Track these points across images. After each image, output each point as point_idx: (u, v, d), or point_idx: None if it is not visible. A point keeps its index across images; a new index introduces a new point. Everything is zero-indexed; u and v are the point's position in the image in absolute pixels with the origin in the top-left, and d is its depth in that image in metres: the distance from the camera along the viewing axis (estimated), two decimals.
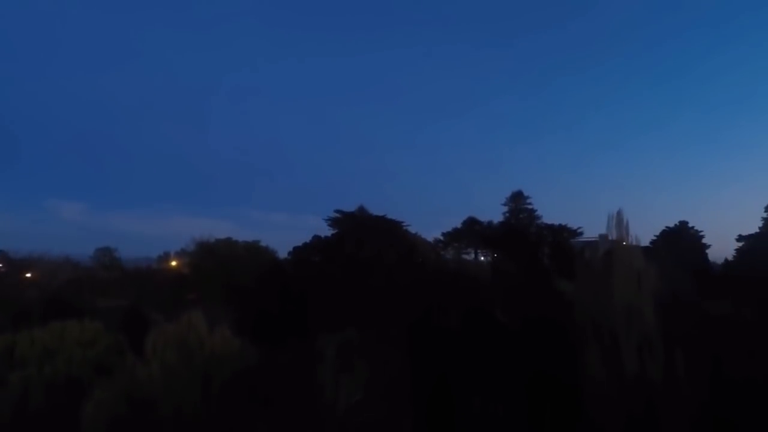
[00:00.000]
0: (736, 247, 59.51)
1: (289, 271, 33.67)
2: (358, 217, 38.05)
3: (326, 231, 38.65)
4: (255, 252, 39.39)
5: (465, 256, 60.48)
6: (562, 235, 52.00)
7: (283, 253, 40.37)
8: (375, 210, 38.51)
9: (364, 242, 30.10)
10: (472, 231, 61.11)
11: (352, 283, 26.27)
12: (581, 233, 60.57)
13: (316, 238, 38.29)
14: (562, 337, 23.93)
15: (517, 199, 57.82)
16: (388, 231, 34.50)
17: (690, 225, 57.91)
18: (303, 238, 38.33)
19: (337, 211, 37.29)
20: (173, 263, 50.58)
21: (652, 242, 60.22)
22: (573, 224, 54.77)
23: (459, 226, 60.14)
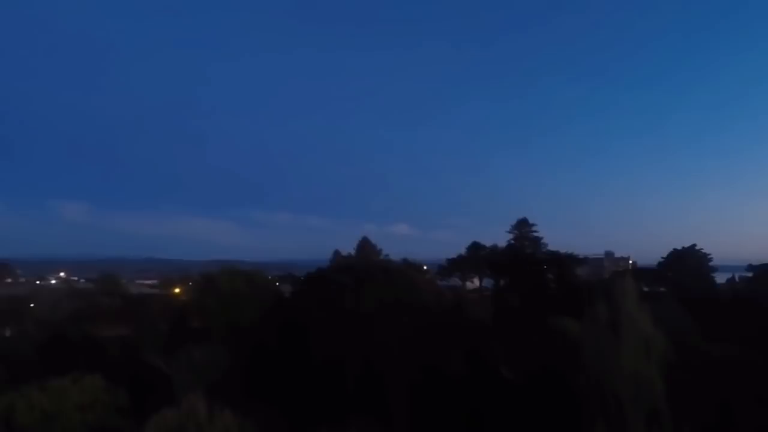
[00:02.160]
0: (744, 275, 59.26)
1: (288, 312, 33.39)
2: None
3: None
4: (257, 285, 39.05)
5: (469, 283, 60.35)
6: (567, 265, 51.45)
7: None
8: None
9: (361, 286, 29.74)
10: (476, 257, 60.97)
11: (348, 338, 25.98)
12: (585, 261, 60.43)
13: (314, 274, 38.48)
14: (567, 397, 23.52)
15: (523, 226, 57.53)
16: (386, 271, 34.21)
17: (698, 247, 58.13)
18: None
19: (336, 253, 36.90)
20: (177, 290, 50.48)
21: (660, 264, 60.22)
22: (571, 239, 54.48)
23: (463, 252, 60.25)
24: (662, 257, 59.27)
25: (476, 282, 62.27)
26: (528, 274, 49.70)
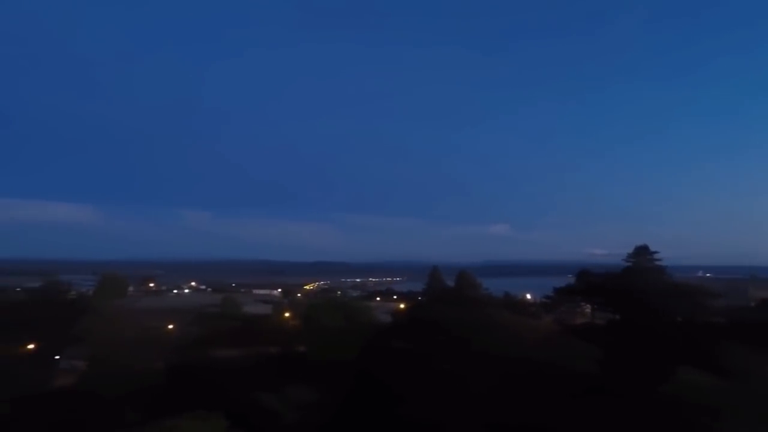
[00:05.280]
0: None
1: (383, 354, 33.41)
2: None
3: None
4: (356, 320, 40.18)
5: (579, 317, 55.35)
6: (699, 302, 44.52)
7: None
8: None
9: (456, 338, 28.64)
10: (586, 285, 55.79)
11: (442, 399, 25.11)
12: (720, 296, 51.66)
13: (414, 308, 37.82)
14: None
15: (643, 253, 51.28)
16: (487, 326, 32.56)
17: None
18: None
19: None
20: (287, 314, 54.01)
21: None
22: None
23: (572, 282, 55.36)
24: None
25: (586, 310, 57.11)
26: (652, 309, 44.01)
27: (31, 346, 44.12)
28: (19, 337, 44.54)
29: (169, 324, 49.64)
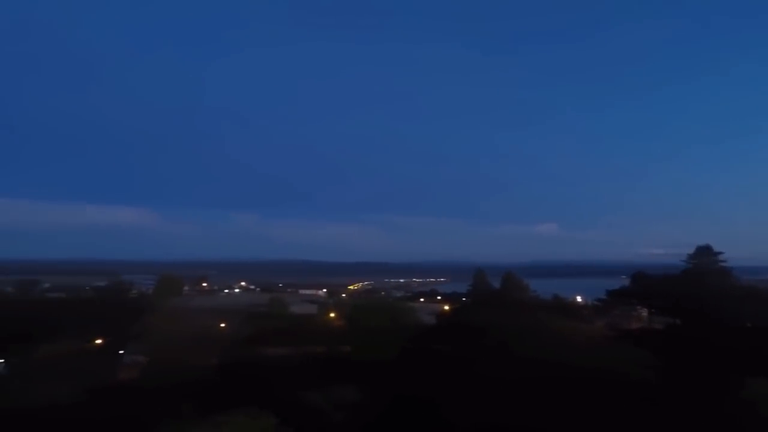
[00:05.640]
0: None
1: (424, 356, 33.18)
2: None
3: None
4: (399, 320, 40.20)
5: (634, 322, 52.18)
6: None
7: None
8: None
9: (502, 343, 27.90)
10: (642, 288, 52.58)
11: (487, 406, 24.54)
12: None
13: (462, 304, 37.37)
14: None
15: (706, 254, 47.66)
16: (535, 330, 31.55)
17: None
18: None
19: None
20: (332, 314, 54.84)
21: None
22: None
23: (626, 284, 52.39)
24: None
25: (642, 314, 53.88)
26: (717, 314, 40.96)
27: (99, 341, 47.54)
28: (89, 333, 48.15)
29: (221, 323, 51.74)
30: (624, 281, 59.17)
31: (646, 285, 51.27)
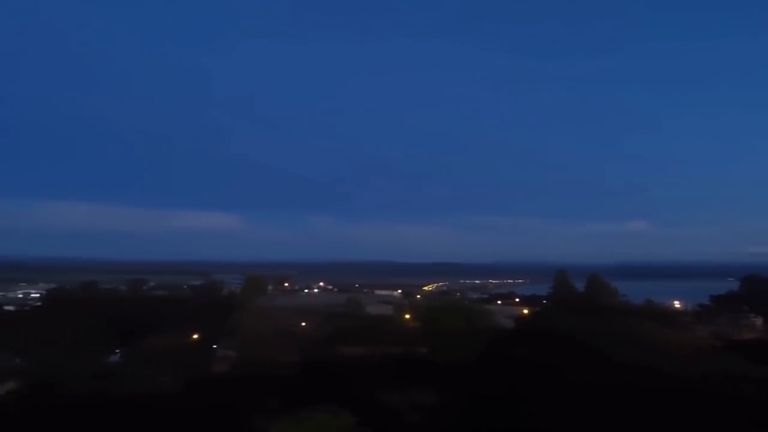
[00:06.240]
0: None
1: (503, 362, 31.98)
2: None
3: None
4: (476, 323, 39.27)
5: (746, 331, 45.98)
6: None
7: None
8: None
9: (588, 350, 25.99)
10: (756, 292, 46.25)
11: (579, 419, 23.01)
12: None
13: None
14: None
15: None
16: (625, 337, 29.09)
17: None
18: None
19: None
20: (407, 316, 55.18)
21: None
22: None
23: (735, 287, 46.28)
24: None
25: (755, 322, 47.42)
26: None
27: (195, 336, 52.07)
28: (188, 328, 52.94)
29: (302, 321, 54.18)
30: (732, 284, 52.74)
31: (761, 289, 45.25)
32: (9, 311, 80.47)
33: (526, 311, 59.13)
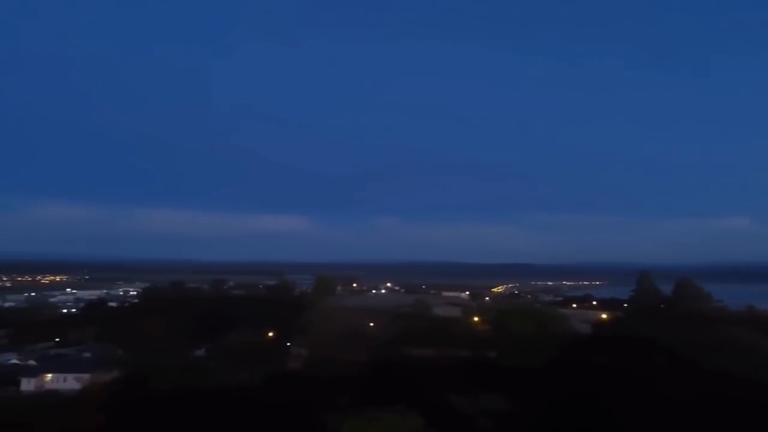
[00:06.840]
0: None
1: (580, 367, 30.06)
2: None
3: None
4: (548, 327, 37.43)
5: None
6: None
7: None
8: None
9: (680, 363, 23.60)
10: None
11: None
12: None
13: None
14: None
15: None
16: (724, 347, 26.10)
17: None
18: None
19: None
20: (476, 318, 53.89)
21: None
22: None
23: None
24: None
25: None
26: None
27: (271, 334, 54.80)
28: (264, 325, 55.91)
29: (370, 322, 54.88)
30: None
31: None
32: (112, 307, 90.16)
33: (604, 315, 55.34)
